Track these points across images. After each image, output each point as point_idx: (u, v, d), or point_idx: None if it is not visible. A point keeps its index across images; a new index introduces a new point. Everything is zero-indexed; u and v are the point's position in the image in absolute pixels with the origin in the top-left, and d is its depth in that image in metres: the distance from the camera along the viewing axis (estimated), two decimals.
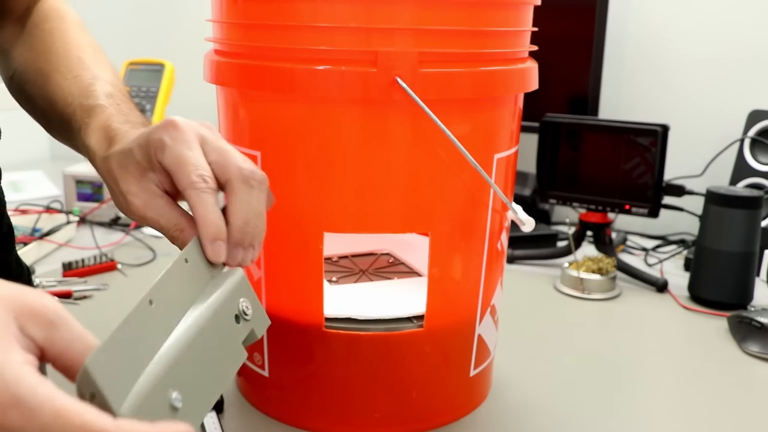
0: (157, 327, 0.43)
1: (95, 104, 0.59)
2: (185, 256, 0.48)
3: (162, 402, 0.40)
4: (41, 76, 0.65)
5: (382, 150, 0.65)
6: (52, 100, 0.63)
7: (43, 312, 0.38)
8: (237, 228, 0.50)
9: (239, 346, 0.48)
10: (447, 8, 0.62)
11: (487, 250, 0.71)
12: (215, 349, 0.46)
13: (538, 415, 0.78)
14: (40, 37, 0.67)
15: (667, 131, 1.13)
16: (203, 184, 0.49)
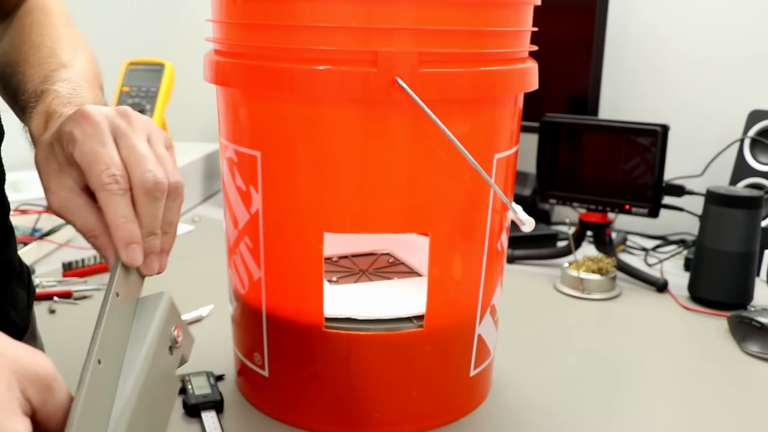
0: (108, 384, 0.43)
1: (47, 89, 0.56)
2: (116, 290, 0.47)
3: None
4: (11, 67, 0.63)
5: (382, 150, 0.65)
6: (16, 90, 0.60)
7: (44, 376, 0.38)
8: (141, 237, 0.48)
9: (174, 377, 0.48)
10: (447, 8, 0.62)
11: (487, 250, 0.71)
12: (159, 389, 0.46)
13: (538, 415, 0.78)
14: (19, 29, 0.65)
15: (667, 131, 1.13)
16: (114, 186, 0.46)
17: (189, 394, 0.76)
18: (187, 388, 0.77)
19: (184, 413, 0.75)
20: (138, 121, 0.51)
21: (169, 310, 0.48)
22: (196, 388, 0.77)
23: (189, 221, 1.42)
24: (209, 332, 0.95)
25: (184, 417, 0.75)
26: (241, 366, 0.78)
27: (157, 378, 0.46)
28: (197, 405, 0.74)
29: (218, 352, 0.86)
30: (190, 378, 0.79)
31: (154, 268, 0.50)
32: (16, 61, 0.63)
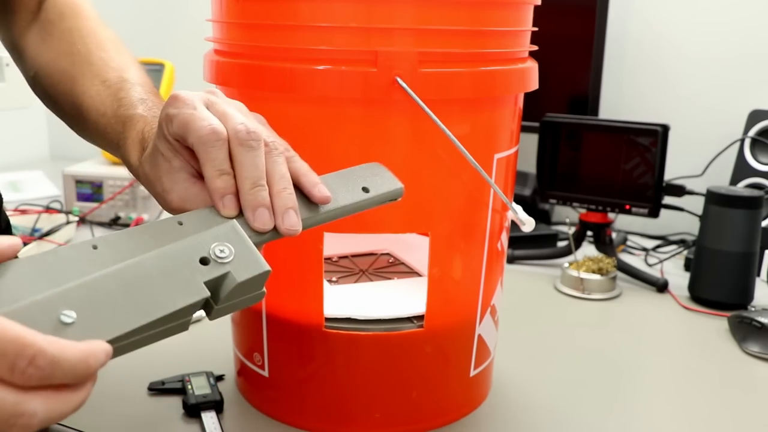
0: (86, 264, 0.43)
1: (130, 114, 0.59)
2: (181, 219, 0.47)
3: (49, 317, 0.39)
4: (66, 81, 0.64)
5: (382, 150, 0.65)
6: (82, 108, 0.62)
7: None
8: (245, 191, 0.48)
9: (198, 284, 0.44)
10: (447, 8, 0.62)
11: (487, 250, 0.71)
12: (151, 282, 0.43)
13: (538, 415, 0.78)
14: (60, 37, 0.66)
15: (667, 131, 1.13)
16: (212, 136, 0.48)
17: (189, 394, 0.76)
18: (187, 388, 0.77)
19: (183, 413, 0.75)
20: (225, 97, 0.54)
21: (219, 229, 0.47)
22: (196, 388, 0.77)
23: None
24: (209, 332, 0.95)
25: (183, 417, 0.75)
26: (241, 366, 0.78)
27: (152, 273, 0.43)
28: (197, 405, 0.74)
29: (218, 352, 0.86)
30: (190, 378, 0.79)
31: (267, 222, 0.49)
32: (69, 73, 0.64)
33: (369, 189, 0.55)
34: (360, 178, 0.56)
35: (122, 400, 0.78)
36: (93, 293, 0.41)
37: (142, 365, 0.84)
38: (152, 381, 0.80)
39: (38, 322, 0.38)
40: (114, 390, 0.80)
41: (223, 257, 0.46)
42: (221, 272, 0.45)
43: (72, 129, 0.67)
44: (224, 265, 0.46)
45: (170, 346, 0.90)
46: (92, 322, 0.40)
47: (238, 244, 0.47)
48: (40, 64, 0.66)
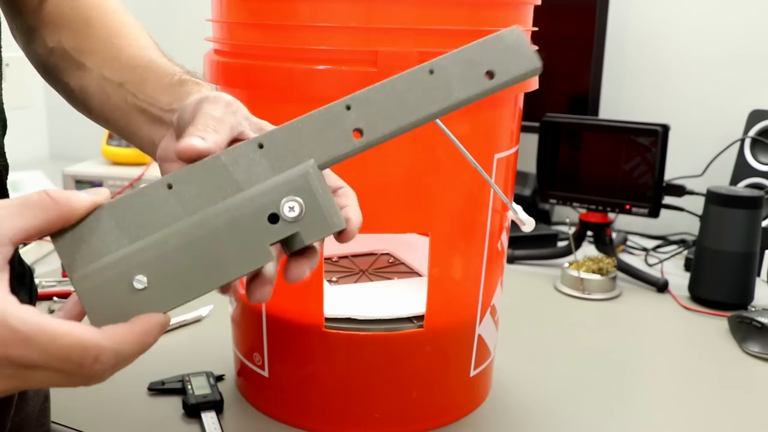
0: (161, 212, 0.43)
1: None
2: (262, 141, 0.45)
3: (122, 281, 0.41)
4: (85, 64, 0.61)
5: (382, 150, 0.64)
6: (123, 103, 0.59)
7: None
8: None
9: (263, 247, 0.43)
10: (447, 8, 0.62)
11: (487, 250, 0.71)
12: (218, 243, 0.42)
13: (538, 415, 0.78)
14: (80, 17, 0.64)
15: (667, 131, 1.13)
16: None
17: (189, 394, 0.76)
18: (187, 388, 0.77)
19: (183, 413, 0.75)
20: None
21: (295, 178, 0.44)
22: (196, 388, 0.77)
23: None
24: (209, 332, 0.95)
25: (183, 417, 0.75)
26: (241, 366, 0.78)
27: (221, 233, 0.42)
28: (197, 405, 0.74)
29: (218, 352, 0.86)
30: (190, 378, 0.79)
31: None
32: (98, 59, 0.61)
33: (494, 73, 0.45)
34: (485, 57, 0.45)
35: (122, 400, 0.78)
36: (163, 255, 0.42)
37: (142, 365, 0.84)
38: (152, 381, 0.80)
39: (114, 288, 0.41)
40: (114, 390, 0.80)
41: (293, 216, 0.43)
42: (289, 232, 0.43)
43: (78, 103, 0.65)
44: (293, 224, 0.43)
45: (170, 346, 0.90)
46: (162, 289, 0.41)
47: (311, 198, 0.44)
48: (60, 41, 0.64)
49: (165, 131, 0.54)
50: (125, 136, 0.59)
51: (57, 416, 0.72)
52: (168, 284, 0.42)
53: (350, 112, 0.46)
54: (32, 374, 0.38)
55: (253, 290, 0.45)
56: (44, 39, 0.64)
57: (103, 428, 0.73)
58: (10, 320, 0.37)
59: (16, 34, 0.68)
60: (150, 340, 0.40)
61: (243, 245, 0.43)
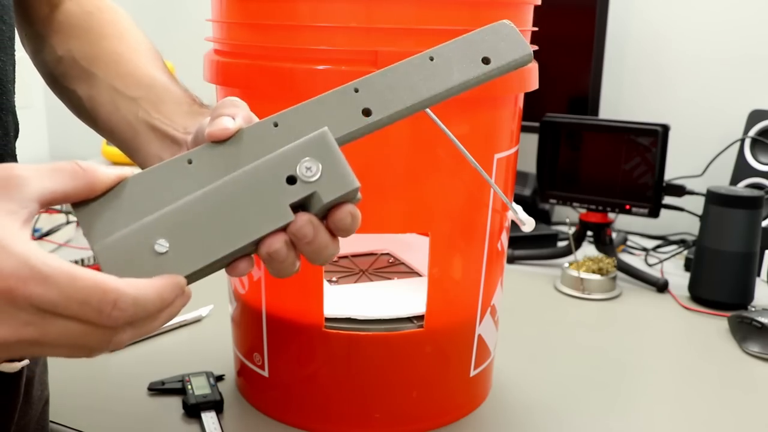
0: (181, 183, 0.45)
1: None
2: (276, 120, 0.47)
3: (143, 245, 0.42)
4: (97, 80, 0.62)
5: (382, 150, 0.65)
6: (125, 118, 0.60)
7: (15, 176, 0.40)
8: None
9: (283, 207, 0.44)
10: (447, 8, 0.62)
11: (487, 250, 0.71)
12: (238, 206, 0.44)
13: (538, 415, 0.78)
14: (98, 24, 0.65)
15: (667, 131, 1.13)
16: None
17: (189, 395, 0.76)
18: (187, 388, 0.77)
19: (183, 413, 0.75)
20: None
21: (309, 141, 0.45)
22: (196, 388, 0.77)
23: None
24: (209, 332, 0.95)
25: (183, 417, 0.75)
26: (241, 366, 0.78)
27: (240, 196, 0.44)
28: (197, 405, 0.74)
29: (218, 352, 0.86)
30: (190, 378, 0.79)
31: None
32: (106, 77, 0.61)
33: (490, 59, 0.49)
34: (481, 45, 0.50)
35: (122, 400, 0.78)
36: (184, 220, 0.43)
37: (142, 365, 0.85)
38: (152, 381, 0.80)
39: (136, 252, 0.42)
40: (114, 390, 0.80)
41: (310, 176, 0.45)
42: (308, 192, 0.44)
43: (81, 113, 0.64)
44: (311, 185, 0.44)
45: (170, 346, 0.90)
46: (183, 252, 0.42)
47: (327, 158, 0.45)
48: (70, 49, 0.64)
49: (176, 150, 0.55)
50: (128, 149, 0.60)
51: (57, 416, 0.72)
52: (189, 247, 0.43)
53: (359, 94, 0.48)
54: (51, 323, 0.38)
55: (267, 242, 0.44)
56: (53, 47, 0.64)
57: (103, 428, 0.73)
58: (32, 260, 0.37)
59: (25, 42, 0.68)
60: (169, 296, 0.40)
61: (262, 206, 0.44)
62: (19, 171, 0.40)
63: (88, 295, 0.38)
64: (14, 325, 0.38)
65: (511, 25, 0.50)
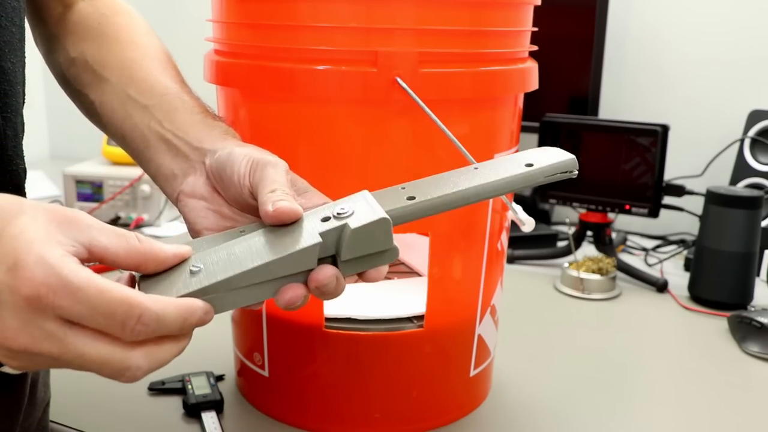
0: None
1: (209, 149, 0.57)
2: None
3: (181, 269, 0.45)
4: (110, 90, 0.61)
5: (382, 150, 0.65)
6: (136, 126, 0.60)
7: (80, 218, 0.41)
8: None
9: (312, 233, 0.46)
10: (447, 8, 0.62)
11: (487, 250, 0.71)
12: (272, 239, 0.46)
13: (538, 415, 0.78)
14: (114, 30, 0.64)
15: (667, 131, 1.13)
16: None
17: (189, 394, 0.76)
18: (187, 388, 0.77)
19: (183, 413, 0.75)
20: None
21: (349, 196, 0.48)
22: (196, 388, 0.77)
23: None
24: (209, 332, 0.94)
25: (184, 417, 0.75)
26: (241, 366, 0.78)
27: (281, 233, 0.46)
28: (197, 405, 0.74)
29: (218, 352, 0.86)
30: (190, 378, 0.79)
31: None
32: (119, 82, 0.61)
33: (533, 164, 0.51)
34: (526, 156, 0.53)
35: (122, 400, 0.78)
36: (221, 252, 0.46)
37: None
38: (152, 381, 0.80)
39: (174, 274, 0.44)
40: (114, 390, 0.80)
41: (343, 213, 0.47)
42: (338, 224, 0.46)
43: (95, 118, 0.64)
44: (342, 219, 0.46)
45: None
46: (212, 269, 0.44)
47: (362, 200, 0.48)
48: (83, 52, 0.64)
49: (186, 166, 0.56)
50: (138, 158, 0.60)
51: (57, 416, 0.72)
52: (219, 265, 0.45)
53: (404, 190, 0.50)
54: (72, 338, 0.38)
55: (286, 291, 0.47)
56: (66, 48, 0.64)
57: (103, 428, 0.74)
58: (64, 272, 0.38)
59: (38, 42, 0.68)
60: (192, 319, 0.41)
61: (293, 234, 0.46)
62: (83, 217, 0.42)
63: (114, 309, 0.39)
64: (37, 336, 0.38)
65: (561, 150, 0.53)
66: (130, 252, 0.43)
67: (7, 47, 0.53)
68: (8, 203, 0.40)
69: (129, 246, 0.43)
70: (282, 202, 0.47)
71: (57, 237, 0.40)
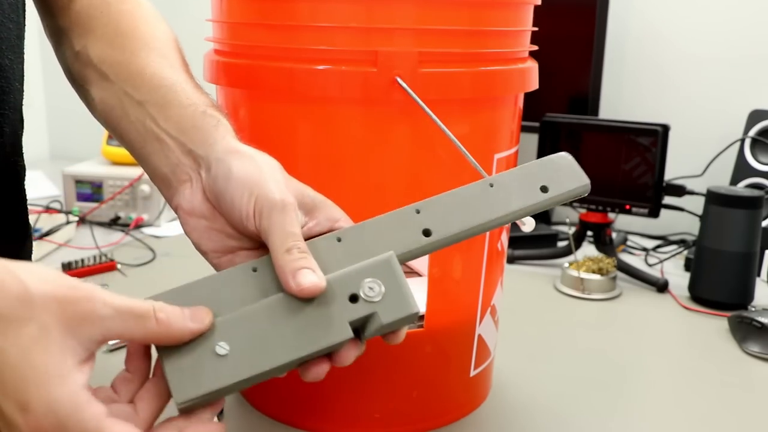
0: (245, 290, 0.47)
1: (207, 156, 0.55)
2: (339, 235, 0.50)
3: (206, 348, 0.44)
4: (110, 83, 0.59)
5: (382, 150, 0.65)
6: (139, 122, 0.58)
7: (93, 312, 0.40)
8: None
9: (343, 324, 0.46)
10: (447, 8, 0.62)
11: (487, 250, 0.71)
12: (300, 317, 0.45)
13: (538, 415, 0.78)
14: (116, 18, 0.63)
15: (667, 131, 1.13)
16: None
17: None
18: None
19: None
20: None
21: (375, 263, 0.48)
22: None
23: None
24: None
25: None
26: None
27: (304, 311, 0.46)
28: None
29: None
30: None
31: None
32: (121, 74, 0.59)
33: (548, 188, 0.51)
34: (539, 175, 0.52)
35: None
36: (245, 326, 0.45)
37: None
38: None
39: (197, 355, 0.44)
40: None
41: (372, 296, 0.47)
42: (368, 311, 0.47)
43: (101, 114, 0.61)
44: (372, 305, 0.47)
45: None
46: (242, 356, 0.44)
47: (390, 280, 0.48)
48: (85, 45, 0.61)
49: (179, 171, 0.54)
50: (137, 158, 0.58)
51: None
52: (248, 352, 0.44)
53: (420, 215, 0.50)
54: None
55: (315, 369, 0.47)
56: (72, 41, 0.62)
57: None
58: (71, 423, 0.39)
59: (48, 35, 0.66)
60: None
61: (324, 320, 0.46)
62: (97, 307, 0.40)
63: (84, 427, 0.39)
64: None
65: (570, 158, 0.53)
66: (148, 335, 0.42)
67: (4, 44, 0.53)
68: (14, 305, 0.39)
69: (146, 331, 0.42)
70: (305, 278, 0.46)
71: (69, 344, 0.39)
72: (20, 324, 0.38)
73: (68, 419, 0.38)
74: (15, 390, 0.38)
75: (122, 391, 0.45)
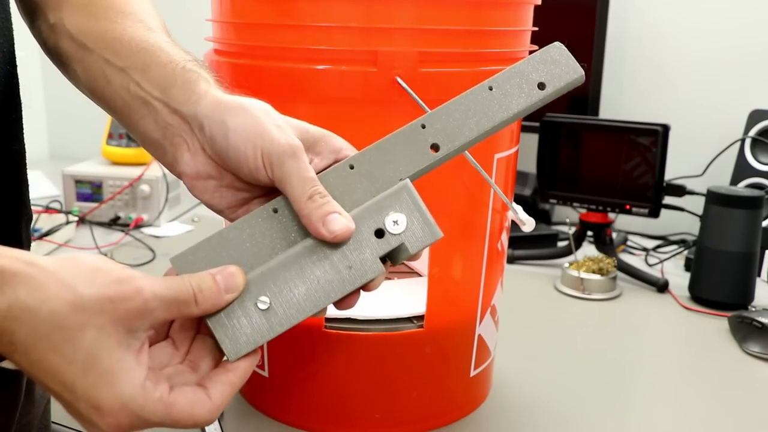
0: (273, 235, 0.48)
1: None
2: (351, 162, 0.50)
3: (248, 305, 0.46)
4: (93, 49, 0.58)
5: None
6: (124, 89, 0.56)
7: (143, 305, 0.41)
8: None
9: (374, 261, 0.47)
10: (447, 8, 0.62)
11: (487, 250, 0.71)
12: (331, 262, 0.46)
13: (538, 415, 0.78)
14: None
15: (667, 131, 1.13)
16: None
17: None
18: None
19: None
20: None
21: (392, 195, 0.48)
22: None
23: (189, 221, 1.42)
24: None
25: None
26: None
27: (333, 253, 0.47)
28: None
29: None
30: None
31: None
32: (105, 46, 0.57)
33: (545, 84, 0.52)
34: (536, 71, 0.53)
35: None
36: (281, 277, 0.46)
37: None
38: None
39: (241, 311, 0.46)
40: None
41: (397, 229, 0.47)
42: (396, 244, 0.47)
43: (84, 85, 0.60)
44: (398, 236, 0.47)
45: None
46: (285, 307, 0.46)
47: (411, 210, 0.48)
48: (61, 17, 0.60)
49: (170, 133, 0.52)
50: (127, 127, 0.57)
51: (58, 417, 0.72)
52: (289, 302, 0.46)
53: (426, 130, 0.51)
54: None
55: (349, 301, 0.48)
56: (46, 14, 0.60)
57: None
58: (146, 415, 0.41)
59: (22, 13, 0.64)
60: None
61: (355, 261, 0.47)
62: (146, 297, 0.42)
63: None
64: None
65: (563, 47, 0.53)
66: (191, 315, 0.45)
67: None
68: (70, 313, 0.40)
69: (189, 313, 0.44)
70: (335, 224, 0.46)
71: (126, 340, 0.41)
72: (79, 330, 0.40)
73: (143, 410, 0.41)
74: (86, 393, 0.40)
75: (178, 341, 0.47)
